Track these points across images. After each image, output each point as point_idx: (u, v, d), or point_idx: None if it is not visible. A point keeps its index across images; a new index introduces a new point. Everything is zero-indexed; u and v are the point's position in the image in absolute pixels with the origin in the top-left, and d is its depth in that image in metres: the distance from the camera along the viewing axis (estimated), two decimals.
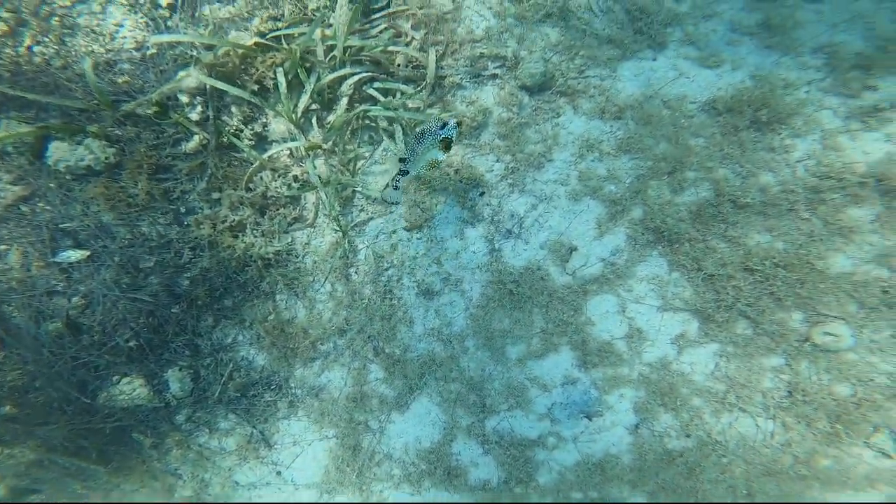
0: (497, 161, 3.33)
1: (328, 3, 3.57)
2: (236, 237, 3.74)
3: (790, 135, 3.01)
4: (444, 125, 2.81)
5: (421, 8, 3.52)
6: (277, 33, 3.45)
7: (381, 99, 3.41)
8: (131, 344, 3.77)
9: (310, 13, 3.54)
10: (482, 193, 3.35)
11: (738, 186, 2.97)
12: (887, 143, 2.94)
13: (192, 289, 3.79)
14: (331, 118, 3.55)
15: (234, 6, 3.62)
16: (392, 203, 3.23)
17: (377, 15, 3.54)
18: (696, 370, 2.99)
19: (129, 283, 3.70)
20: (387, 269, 3.54)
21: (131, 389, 3.81)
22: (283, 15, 3.60)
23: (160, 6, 3.64)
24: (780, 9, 3.22)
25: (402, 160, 2.87)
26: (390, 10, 3.54)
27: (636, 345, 3.07)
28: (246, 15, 3.60)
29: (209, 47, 3.48)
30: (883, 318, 2.70)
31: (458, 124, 2.78)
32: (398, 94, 3.49)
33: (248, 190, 3.63)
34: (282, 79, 3.42)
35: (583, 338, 3.15)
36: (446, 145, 2.83)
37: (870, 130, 2.97)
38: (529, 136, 3.30)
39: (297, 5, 3.57)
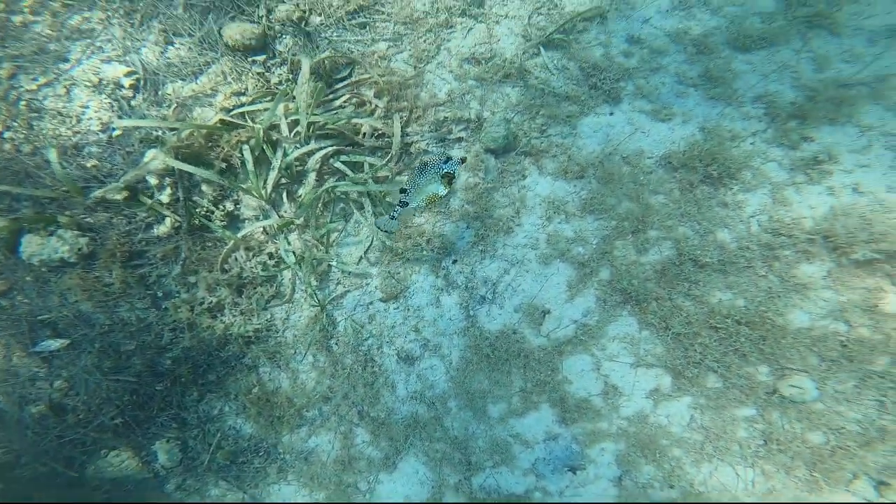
0: (468, 227, 3.41)
1: (290, 77, 3.67)
2: (215, 318, 3.83)
3: (741, 189, 3.09)
4: (448, 159, 2.81)
5: (383, 75, 3.62)
6: (241, 109, 3.52)
7: (349, 173, 3.48)
8: (117, 421, 3.86)
9: (273, 87, 3.65)
10: (455, 261, 3.42)
11: (697, 245, 3.05)
12: (829, 197, 3.00)
13: (175, 367, 3.82)
14: (301, 192, 3.67)
15: (197, 83, 3.71)
16: (387, 232, 3.23)
17: (340, 84, 3.62)
18: (672, 422, 3.05)
19: (111, 367, 3.78)
20: (366, 339, 3.62)
21: (119, 462, 3.88)
22: (247, 89, 3.70)
23: (123, 87, 3.73)
24: (717, 60, 3.31)
25: (402, 191, 2.85)
26: (353, 79, 3.63)
27: (613, 400, 3.13)
28: (210, 91, 3.68)
29: (174, 128, 3.58)
30: (844, 371, 2.78)
31: (462, 160, 2.77)
32: (366, 166, 3.55)
33: (224, 271, 3.71)
34: (248, 156, 3.48)
35: (561, 395, 3.23)
36: (448, 180, 2.82)
37: (813, 183, 3.05)
38: (498, 201, 3.38)
39: (259, 79, 3.67)
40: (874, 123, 3.05)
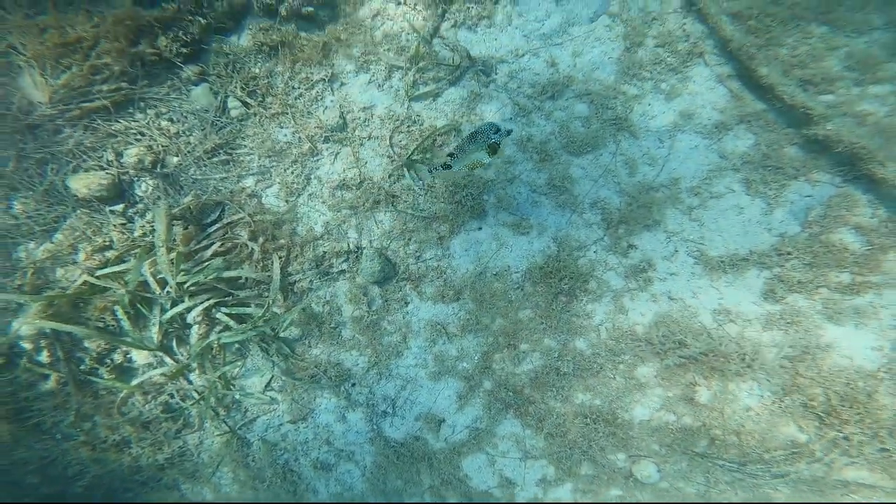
0: (360, 355, 3.21)
1: (154, 228, 3.27)
2: (122, 451, 3.53)
3: (590, 300, 3.02)
4: (497, 131, 2.63)
5: (254, 215, 3.17)
6: (105, 271, 2.97)
7: (232, 324, 3.10)
8: None
9: (137, 240, 3.24)
10: (353, 385, 3.23)
11: (559, 355, 3.03)
12: (654, 304, 2.97)
13: (88, 492, 3.49)
14: (191, 339, 3.23)
15: (52, 243, 3.19)
16: (418, 181, 3.06)
17: (213, 228, 3.17)
18: None
19: (13, 498, 3.43)
20: (282, 455, 3.56)
21: None
22: (112, 241, 3.26)
23: None
24: (557, 166, 3.15)
25: (449, 155, 2.65)
26: (225, 220, 3.16)
27: (509, 490, 3.16)
28: (68, 250, 3.22)
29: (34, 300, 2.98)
30: (677, 454, 2.94)
31: (509, 132, 2.57)
32: (254, 310, 3.18)
33: (122, 414, 3.28)
34: (122, 316, 3.00)
35: (465, 489, 3.18)
36: (494, 150, 2.66)
37: (641, 291, 3.00)
38: (385, 328, 3.17)
39: (123, 231, 3.25)
40: (676, 229, 2.99)
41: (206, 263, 2.98)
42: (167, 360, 3.25)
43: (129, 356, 3.28)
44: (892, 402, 2.63)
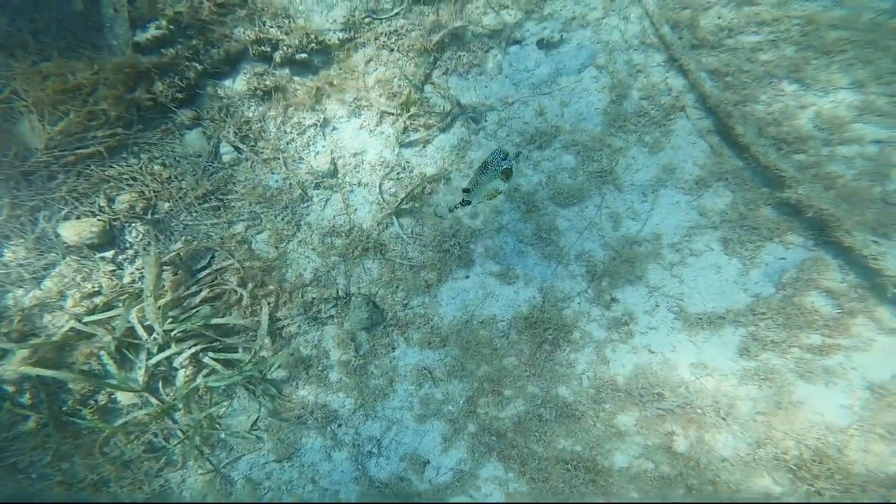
0: (347, 397, 3.21)
1: (142, 275, 3.25)
2: (98, 490, 3.53)
3: (572, 349, 3.05)
4: (506, 157, 2.57)
5: (244, 261, 3.18)
6: (93, 318, 2.95)
7: (219, 368, 3.09)
8: None
9: (127, 287, 3.23)
10: (339, 425, 3.22)
11: (542, 401, 3.05)
12: (634, 356, 3.00)
13: None
14: (178, 381, 3.19)
15: (41, 290, 3.18)
16: (440, 217, 3.14)
17: (202, 274, 3.15)
18: None
19: None
20: (266, 493, 3.56)
21: None
22: (101, 287, 3.25)
23: None
24: (544, 217, 3.16)
25: (465, 191, 2.61)
26: (214, 267, 3.17)
27: None
28: (57, 297, 3.20)
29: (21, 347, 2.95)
30: (657, 500, 2.94)
31: (517, 155, 2.52)
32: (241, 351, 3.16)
33: (103, 454, 3.25)
34: (108, 361, 2.98)
35: None
36: (507, 176, 2.61)
37: (623, 343, 3.03)
38: (372, 372, 3.18)
39: (112, 277, 3.23)
40: (658, 284, 3.02)
41: (194, 311, 2.98)
42: (152, 400, 3.23)
43: (113, 397, 3.26)
44: (862, 458, 2.70)
